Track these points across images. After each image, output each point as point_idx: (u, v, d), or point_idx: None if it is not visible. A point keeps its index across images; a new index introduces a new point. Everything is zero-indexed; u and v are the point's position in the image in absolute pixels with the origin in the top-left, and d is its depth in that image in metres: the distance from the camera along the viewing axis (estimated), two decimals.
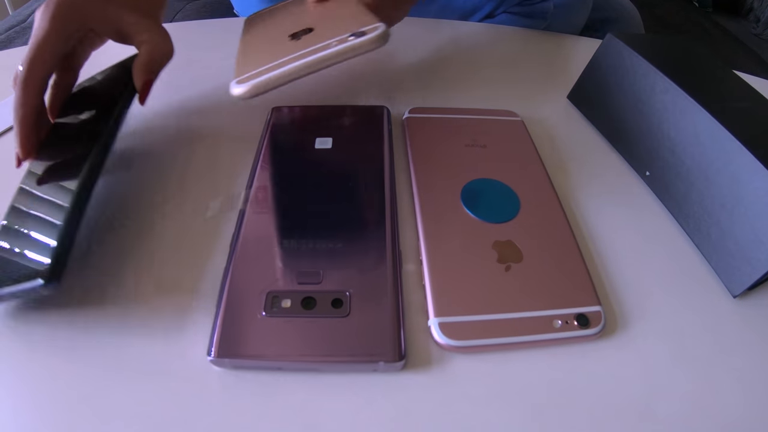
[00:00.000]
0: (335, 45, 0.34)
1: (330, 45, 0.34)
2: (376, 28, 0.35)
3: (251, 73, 0.35)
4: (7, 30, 1.02)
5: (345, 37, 0.35)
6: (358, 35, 0.34)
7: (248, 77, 0.35)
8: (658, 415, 0.27)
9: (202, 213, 0.38)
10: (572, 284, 0.32)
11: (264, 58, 0.36)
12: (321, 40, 0.36)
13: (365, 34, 0.34)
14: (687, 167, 0.37)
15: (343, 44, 0.34)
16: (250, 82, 0.34)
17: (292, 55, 0.35)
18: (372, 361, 0.28)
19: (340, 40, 0.35)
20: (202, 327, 0.31)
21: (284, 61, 0.35)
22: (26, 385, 0.28)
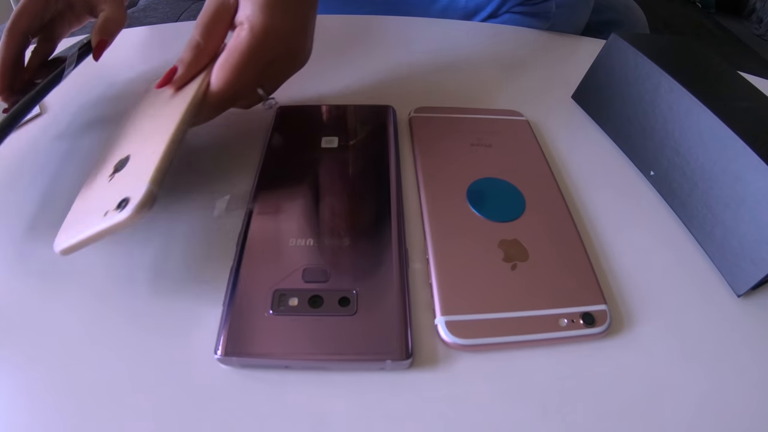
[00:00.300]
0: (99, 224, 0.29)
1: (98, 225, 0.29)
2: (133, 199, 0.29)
3: (71, 230, 0.32)
4: None
5: (107, 208, 0.30)
6: (120, 206, 0.29)
7: (66, 237, 0.31)
8: (664, 414, 0.27)
9: (209, 212, 0.38)
10: (578, 283, 0.32)
11: (82, 209, 0.33)
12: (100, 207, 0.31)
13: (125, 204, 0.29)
14: (691, 167, 0.37)
15: (101, 225, 0.29)
16: (63, 244, 0.31)
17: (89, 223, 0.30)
18: (379, 359, 0.28)
19: (105, 213, 0.29)
20: (209, 325, 0.31)
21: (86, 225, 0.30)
22: (31, 383, 0.28)
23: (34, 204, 0.39)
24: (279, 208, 0.37)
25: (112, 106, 0.50)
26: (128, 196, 0.29)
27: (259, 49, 0.37)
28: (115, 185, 0.32)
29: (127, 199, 0.29)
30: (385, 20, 0.67)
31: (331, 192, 0.38)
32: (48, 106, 0.50)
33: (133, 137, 0.37)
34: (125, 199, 0.29)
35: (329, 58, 0.58)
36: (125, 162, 0.34)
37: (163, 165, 0.30)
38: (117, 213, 0.28)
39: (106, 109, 0.50)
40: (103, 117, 0.49)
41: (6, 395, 0.28)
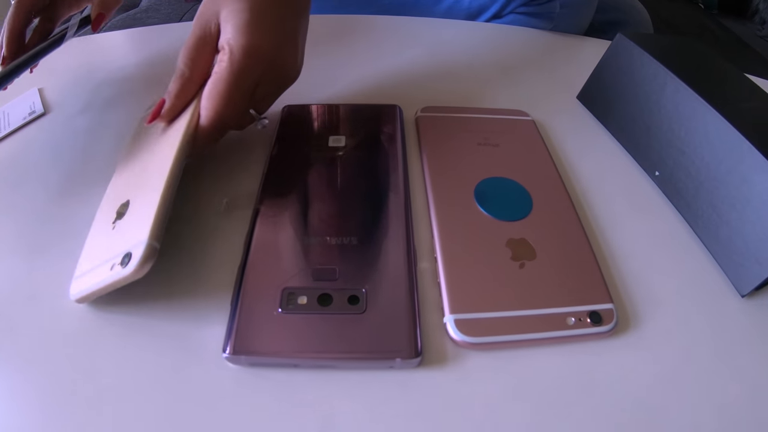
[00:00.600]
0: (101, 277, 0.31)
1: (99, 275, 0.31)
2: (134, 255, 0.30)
3: (85, 278, 0.32)
4: None
5: (116, 260, 0.31)
6: (124, 262, 0.30)
7: (79, 287, 0.32)
8: (669, 412, 0.28)
9: (215, 211, 0.38)
10: (585, 282, 0.32)
11: (92, 259, 0.33)
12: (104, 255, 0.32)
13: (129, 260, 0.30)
14: (697, 167, 0.37)
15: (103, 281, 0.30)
16: (78, 294, 0.32)
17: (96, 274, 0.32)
18: (389, 358, 0.28)
19: (112, 266, 0.31)
20: (217, 324, 0.31)
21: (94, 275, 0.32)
22: (40, 382, 0.28)
23: (39, 203, 0.39)
24: (286, 207, 0.37)
25: (113, 105, 0.51)
26: (130, 251, 0.30)
27: (242, 73, 0.36)
28: (119, 234, 0.33)
29: (130, 255, 0.30)
30: (388, 20, 0.67)
31: (339, 191, 0.38)
32: (51, 105, 0.50)
33: (131, 180, 0.37)
34: (128, 254, 0.30)
35: (333, 57, 0.58)
36: (126, 207, 0.34)
37: (160, 217, 0.31)
38: (121, 269, 0.29)
39: (108, 108, 0.50)
40: (105, 116, 0.49)
41: (17, 393, 0.28)
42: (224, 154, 0.43)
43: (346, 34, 0.64)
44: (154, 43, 0.63)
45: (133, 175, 0.37)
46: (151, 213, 0.31)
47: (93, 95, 0.52)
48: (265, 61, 0.38)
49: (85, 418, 0.27)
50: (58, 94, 0.52)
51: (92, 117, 0.49)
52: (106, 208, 0.36)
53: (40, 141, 0.46)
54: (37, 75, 0.51)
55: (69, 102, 0.51)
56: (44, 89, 0.53)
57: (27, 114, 0.49)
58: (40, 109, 0.50)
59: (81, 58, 0.59)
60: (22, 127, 0.48)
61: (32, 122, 0.48)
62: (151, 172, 0.35)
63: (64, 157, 0.44)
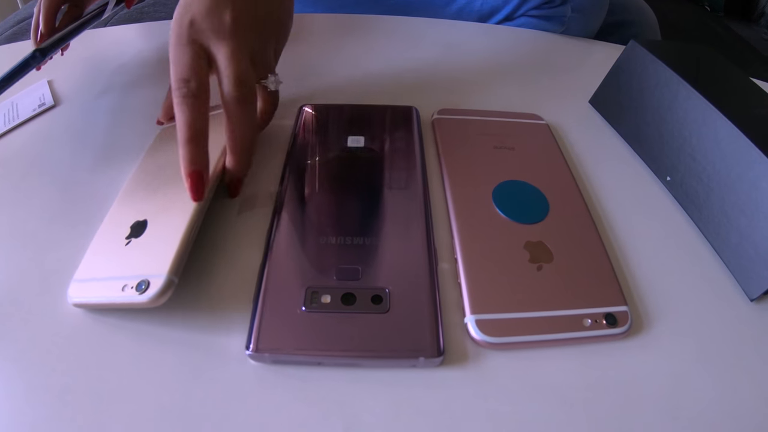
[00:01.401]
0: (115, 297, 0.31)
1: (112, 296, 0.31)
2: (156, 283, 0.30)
3: (88, 286, 0.33)
4: (19, 23, 1.02)
5: (132, 283, 0.31)
6: (141, 288, 0.30)
7: (81, 292, 0.33)
8: (681, 413, 0.28)
9: (236, 210, 0.39)
10: (600, 285, 0.33)
11: (99, 270, 0.33)
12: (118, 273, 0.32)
13: (146, 289, 0.30)
14: (708, 173, 0.38)
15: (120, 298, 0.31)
16: (78, 298, 0.32)
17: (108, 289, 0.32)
18: (412, 356, 0.29)
19: (123, 287, 0.31)
20: (238, 322, 0.31)
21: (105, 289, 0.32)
22: (59, 379, 0.29)
23: (47, 195, 0.40)
24: (307, 207, 0.37)
25: (122, 98, 0.51)
26: (148, 280, 0.30)
27: (249, 99, 0.37)
28: (134, 254, 0.33)
29: (147, 283, 0.30)
30: (399, 21, 0.67)
31: (359, 191, 0.39)
32: (61, 97, 0.51)
33: (149, 198, 0.37)
34: (145, 281, 0.30)
35: (345, 57, 0.58)
36: (143, 228, 0.34)
37: (182, 252, 0.32)
38: (137, 294, 0.30)
39: (116, 101, 0.51)
40: (114, 109, 0.50)
41: (41, 390, 0.28)
42: None
43: (358, 33, 0.64)
44: (162, 38, 0.63)
45: (151, 194, 0.38)
46: (173, 246, 0.32)
47: (101, 88, 0.53)
48: (256, 36, 0.39)
49: (106, 416, 0.27)
50: (67, 87, 0.53)
51: (101, 109, 0.50)
52: (119, 219, 0.36)
53: (50, 133, 0.47)
54: (47, 67, 0.52)
55: (78, 94, 0.52)
56: (54, 81, 0.54)
57: (37, 106, 0.50)
58: (50, 101, 0.50)
59: (89, 51, 0.59)
60: (31, 118, 0.48)
61: (42, 114, 0.49)
62: (172, 199, 0.36)
63: (73, 150, 0.45)
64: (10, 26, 1.00)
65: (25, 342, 0.31)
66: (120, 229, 0.35)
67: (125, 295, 0.30)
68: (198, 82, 0.35)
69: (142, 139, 0.45)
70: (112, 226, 0.36)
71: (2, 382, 0.29)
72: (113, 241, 0.34)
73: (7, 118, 0.49)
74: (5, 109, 0.50)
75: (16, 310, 0.32)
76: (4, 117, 0.49)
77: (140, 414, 0.27)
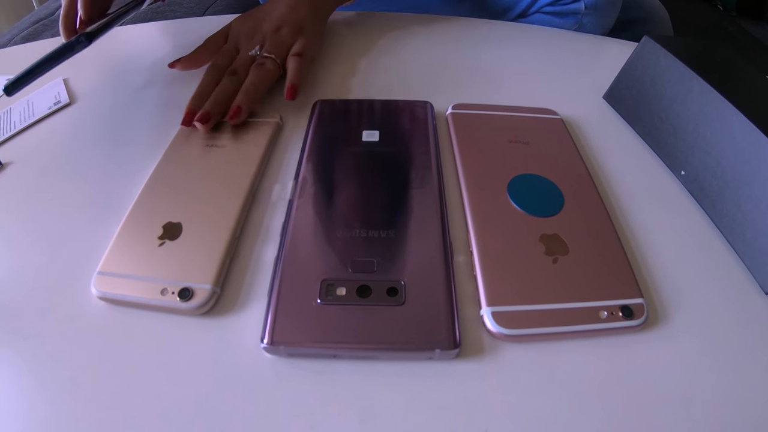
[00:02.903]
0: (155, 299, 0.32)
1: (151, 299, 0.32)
2: (203, 290, 0.32)
3: (116, 280, 0.33)
4: (35, 23, 1.03)
5: (173, 288, 0.32)
6: (183, 296, 0.32)
7: (108, 285, 0.33)
8: (696, 404, 0.28)
9: (251, 203, 0.39)
10: (616, 277, 0.33)
11: (129, 266, 0.34)
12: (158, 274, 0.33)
13: (190, 298, 0.32)
14: (722, 168, 0.38)
15: (162, 301, 0.32)
16: (106, 291, 0.32)
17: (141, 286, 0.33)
18: (428, 348, 0.29)
19: (163, 290, 0.32)
20: (253, 315, 0.32)
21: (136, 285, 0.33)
22: (78, 374, 0.29)
23: (64, 192, 0.40)
24: (323, 200, 0.38)
25: (138, 96, 0.52)
26: (191, 288, 0.32)
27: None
28: (171, 257, 0.34)
29: (190, 292, 0.32)
30: (412, 18, 0.67)
31: (375, 184, 0.39)
32: (77, 95, 0.52)
33: (180, 201, 0.38)
34: (188, 289, 0.32)
35: (358, 54, 0.59)
36: (178, 231, 0.35)
37: (225, 264, 0.34)
38: (179, 301, 0.31)
39: (132, 99, 0.51)
40: (130, 107, 0.50)
41: (61, 383, 0.29)
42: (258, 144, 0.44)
43: (371, 30, 0.64)
44: (177, 37, 0.64)
45: (180, 195, 0.38)
46: (216, 256, 0.34)
47: (117, 86, 0.53)
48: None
49: (121, 408, 0.28)
50: (83, 85, 0.53)
51: (117, 107, 0.50)
52: (145, 217, 0.37)
53: (66, 130, 0.47)
54: (62, 65, 0.52)
55: (93, 93, 0.52)
56: (69, 79, 0.54)
57: (52, 104, 0.51)
58: (66, 99, 0.51)
59: (105, 49, 0.60)
60: (47, 116, 0.49)
61: (58, 112, 0.49)
62: (207, 205, 0.37)
63: (89, 147, 0.45)
64: (26, 27, 1.01)
65: (44, 333, 0.31)
66: (150, 228, 0.35)
67: (166, 299, 0.31)
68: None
69: (159, 137, 0.45)
70: (138, 223, 0.36)
71: (23, 373, 0.29)
72: (144, 239, 0.35)
73: (24, 116, 0.49)
74: (21, 107, 0.51)
75: (35, 301, 0.33)
76: (20, 115, 0.50)
77: (156, 407, 0.28)
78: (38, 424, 0.27)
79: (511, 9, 0.68)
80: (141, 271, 0.33)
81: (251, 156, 0.42)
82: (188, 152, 0.42)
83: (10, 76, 0.41)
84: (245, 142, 0.44)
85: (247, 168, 0.41)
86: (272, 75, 0.49)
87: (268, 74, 0.48)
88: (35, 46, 0.66)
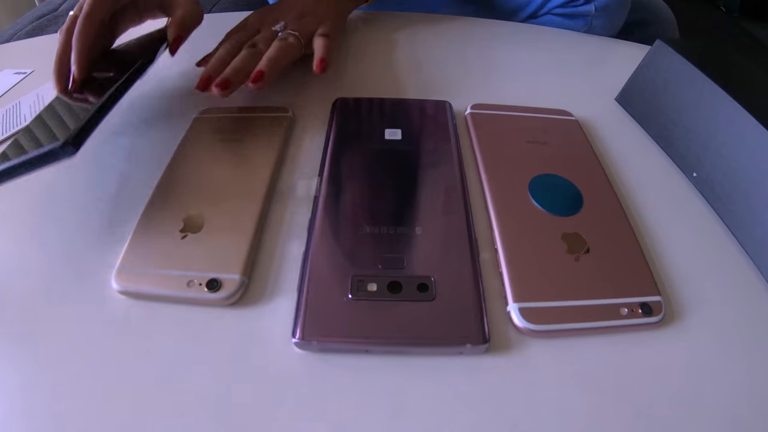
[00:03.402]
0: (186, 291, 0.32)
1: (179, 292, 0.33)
2: (232, 281, 0.32)
3: (139, 274, 0.33)
4: (39, 18, 1.03)
5: (200, 280, 0.33)
6: (212, 287, 0.32)
7: (131, 280, 0.33)
8: (709, 400, 0.29)
9: (275, 200, 0.40)
10: (635, 275, 0.34)
11: (151, 260, 0.34)
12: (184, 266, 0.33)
13: (218, 289, 0.32)
14: (733, 170, 0.39)
15: (191, 293, 0.32)
16: (129, 286, 0.33)
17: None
18: (459, 343, 0.30)
19: (189, 282, 0.32)
20: (279, 306, 0.32)
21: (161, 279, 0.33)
22: (104, 368, 0.29)
23: (79, 183, 0.41)
24: (349, 197, 0.38)
25: (148, 94, 0.52)
26: (218, 279, 0.32)
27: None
28: (196, 249, 0.34)
29: (218, 282, 0.32)
30: (425, 18, 0.68)
31: (400, 182, 0.40)
32: None
33: (201, 193, 0.38)
34: (216, 280, 0.32)
35: (373, 53, 0.60)
36: (200, 224, 0.36)
37: (252, 254, 0.35)
38: (207, 292, 0.32)
39: (143, 96, 0.52)
40: (141, 104, 0.51)
41: (87, 377, 0.29)
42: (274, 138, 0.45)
43: (387, 30, 0.65)
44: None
45: (201, 189, 0.39)
46: (243, 246, 0.34)
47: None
48: None
49: (151, 404, 0.28)
50: None
51: (128, 100, 0.49)
52: (164, 210, 0.37)
53: None
54: None
55: None
56: None
57: None
58: None
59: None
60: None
61: None
62: (228, 196, 0.38)
63: (101, 139, 0.45)
64: (29, 22, 1.01)
65: (64, 328, 0.32)
66: (170, 222, 0.36)
67: (193, 291, 0.32)
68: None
69: (171, 130, 0.46)
70: (157, 217, 0.37)
71: (45, 368, 0.29)
72: (165, 233, 0.35)
73: (33, 109, 0.50)
74: (31, 99, 0.51)
75: (53, 296, 0.33)
76: (30, 108, 0.50)
77: (188, 403, 0.28)
78: (61, 418, 0.27)
79: (521, 10, 0.69)
80: (165, 264, 0.33)
81: (268, 150, 0.42)
82: (203, 145, 0.43)
83: (13, 70, 0.40)
84: (260, 135, 0.44)
85: (266, 162, 0.41)
86: (295, 50, 0.48)
87: (291, 48, 0.47)
88: (38, 41, 0.66)
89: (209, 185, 0.39)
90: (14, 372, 0.29)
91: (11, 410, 0.28)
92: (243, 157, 0.42)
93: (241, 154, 0.42)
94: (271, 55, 0.45)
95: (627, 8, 0.69)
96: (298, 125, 0.48)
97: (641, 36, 0.66)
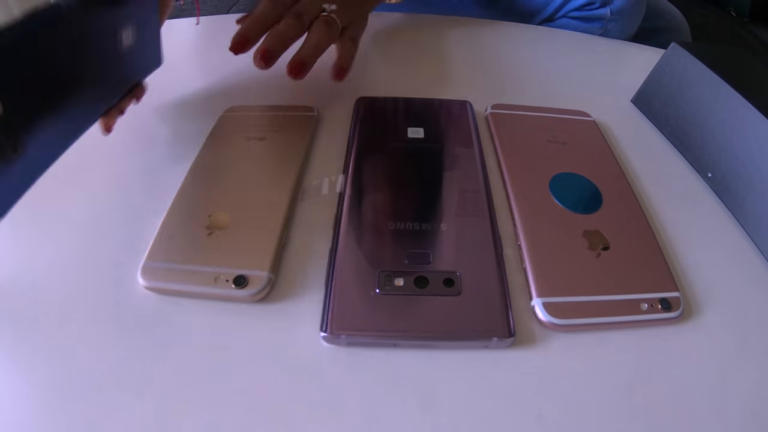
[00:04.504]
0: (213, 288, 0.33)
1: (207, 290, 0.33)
2: (260, 278, 0.33)
3: (164, 272, 0.34)
4: None
5: (227, 276, 0.33)
6: (239, 283, 0.32)
7: (156, 277, 0.34)
8: (727, 393, 0.30)
9: (300, 197, 0.40)
10: (654, 271, 0.35)
11: (177, 256, 0.35)
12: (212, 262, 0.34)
13: (245, 285, 0.33)
14: (748, 170, 0.40)
15: (219, 290, 0.33)
16: (155, 282, 0.33)
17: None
18: (486, 337, 0.31)
19: (216, 278, 0.33)
20: (306, 302, 0.33)
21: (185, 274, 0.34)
22: (132, 364, 0.30)
23: (105, 181, 0.42)
24: (374, 194, 0.39)
25: (167, 93, 0.52)
26: (245, 275, 0.33)
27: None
28: (222, 246, 0.35)
29: (245, 279, 0.32)
30: (445, 20, 0.69)
31: (423, 179, 0.40)
32: None
33: (227, 191, 0.39)
34: (243, 276, 0.33)
35: (392, 54, 0.61)
36: (226, 221, 0.36)
37: (278, 250, 0.35)
38: (234, 289, 0.32)
39: (162, 96, 0.51)
40: (160, 103, 0.51)
41: (116, 372, 0.30)
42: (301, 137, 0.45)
43: (407, 32, 0.66)
44: (201, 34, 0.65)
45: (227, 187, 0.39)
46: (270, 243, 0.35)
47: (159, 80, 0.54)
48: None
49: (181, 400, 0.28)
50: None
51: (152, 99, 0.49)
52: (190, 207, 0.38)
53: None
54: None
55: None
56: None
57: None
58: None
59: None
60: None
61: None
62: (255, 195, 0.38)
63: (126, 137, 0.45)
64: None
65: (90, 323, 0.32)
66: (196, 219, 0.37)
67: (220, 287, 0.32)
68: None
69: (197, 128, 0.46)
70: (183, 214, 0.37)
71: (73, 365, 0.30)
72: (191, 230, 0.36)
73: None
74: None
75: (79, 292, 0.34)
76: None
77: (217, 397, 0.28)
78: (90, 413, 0.28)
79: (538, 13, 0.70)
80: (191, 261, 0.34)
81: (295, 148, 0.43)
82: (229, 143, 0.44)
83: None
84: (286, 134, 0.45)
85: (292, 160, 0.42)
86: (333, 40, 0.45)
87: (331, 39, 0.44)
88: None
89: (235, 182, 0.40)
90: (43, 369, 0.30)
91: (41, 406, 0.28)
92: (269, 155, 0.42)
93: (267, 152, 0.43)
94: (318, 43, 0.42)
95: (642, 12, 0.70)
96: (323, 124, 0.48)
97: (656, 43, 0.66)
